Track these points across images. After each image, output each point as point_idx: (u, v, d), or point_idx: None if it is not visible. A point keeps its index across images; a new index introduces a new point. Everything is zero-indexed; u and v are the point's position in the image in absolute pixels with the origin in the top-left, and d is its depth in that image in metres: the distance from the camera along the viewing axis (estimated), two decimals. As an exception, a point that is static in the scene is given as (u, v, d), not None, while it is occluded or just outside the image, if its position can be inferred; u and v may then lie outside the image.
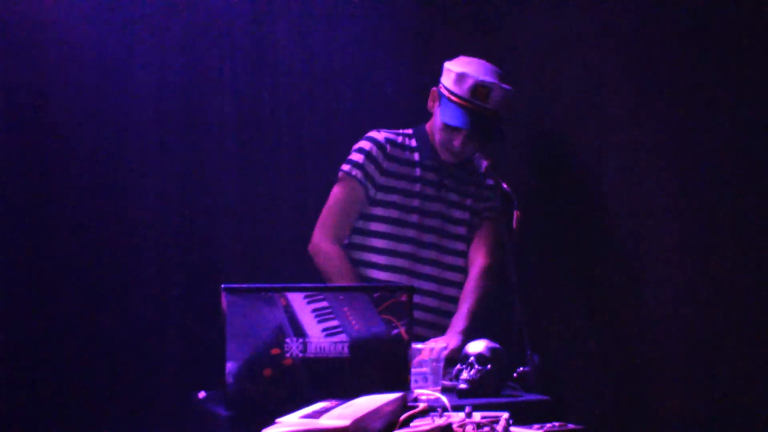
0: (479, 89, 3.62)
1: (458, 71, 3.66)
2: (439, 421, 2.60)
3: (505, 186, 3.64)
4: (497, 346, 3.27)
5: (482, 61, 3.75)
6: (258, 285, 2.89)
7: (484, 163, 3.70)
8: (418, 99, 4.04)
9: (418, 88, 4.16)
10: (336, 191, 3.81)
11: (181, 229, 4.18)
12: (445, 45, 4.36)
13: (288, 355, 2.85)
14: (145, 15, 4.14)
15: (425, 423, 2.60)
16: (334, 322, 2.90)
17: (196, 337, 4.01)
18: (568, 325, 3.99)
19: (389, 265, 3.78)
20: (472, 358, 3.21)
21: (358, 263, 3.78)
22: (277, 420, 2.47)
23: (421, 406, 2.70)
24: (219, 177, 4.27)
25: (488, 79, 3.65)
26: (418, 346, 3.26)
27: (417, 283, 3.76)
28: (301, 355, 2.86)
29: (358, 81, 4.47)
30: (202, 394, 3.07)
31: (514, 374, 3.32)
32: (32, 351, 3.89)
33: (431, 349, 3.27)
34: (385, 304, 2.93)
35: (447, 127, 3.72)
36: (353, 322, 2.90)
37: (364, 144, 3.81)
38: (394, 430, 2.59)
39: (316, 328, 2.88)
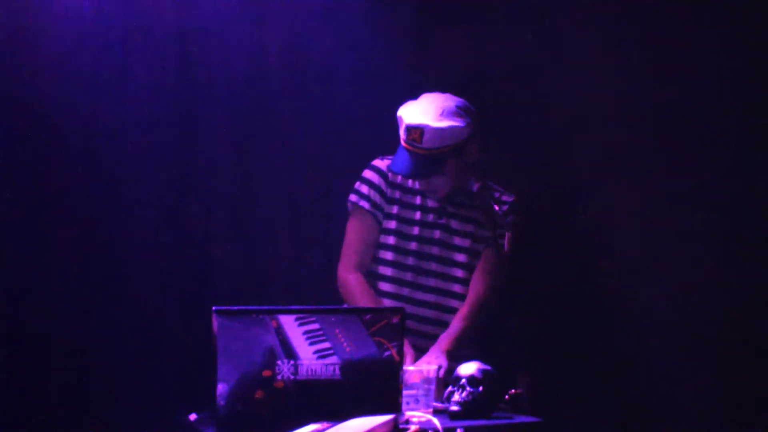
0: (411, 132, 3.65)
1: (398, 115, 3.71)
2: (431, 444, 2.60)
3: (496, 207, 3.64)
4: (489, 368, 3.27)
5: (435, 100, 3.72)
6: (249, 307, 2.89)
7: (476, 186, 3.70)
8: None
9: (417, 93, 4.16)
10: (349, 224, 3.86)
11: (172, 250, 4.17)
12: (444, 47, 4.36)
13: (279, 377, 2.85)
14: (139, 19, 4.14)
15: (417, 445, 2.60)
16: (326, 344, 2.89)
17: (188, 358, 4.00)
18: (561, 347, 3.99)
19: (391, 293, 3.79)
20: (463, 380, 3.21)
21: None
22: (268, 442, 2.46)
23: (413, 428, 2.70)
24: (211, 197, 4.26)
25: (418, 121, 3.64)
26: (410, 368, 3.25)
27: (416, 310, 3.77)
28: (292, 377, 2.86)
29: (354, 96, 4.46)
30: (193, 416, 3.06)
31: (506, 396, 3.31)
32: (19, 369, 3.88)
33: (423, 370, 3.27)
34: (377, 326, 2.93)
35: None
36: (345, 344, 2.90)
37: (367, 174, 3.85)
38: (386, 452, 2.58)
39: (308, 350, 2.88)
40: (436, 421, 2.82)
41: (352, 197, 3.84)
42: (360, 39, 4.44)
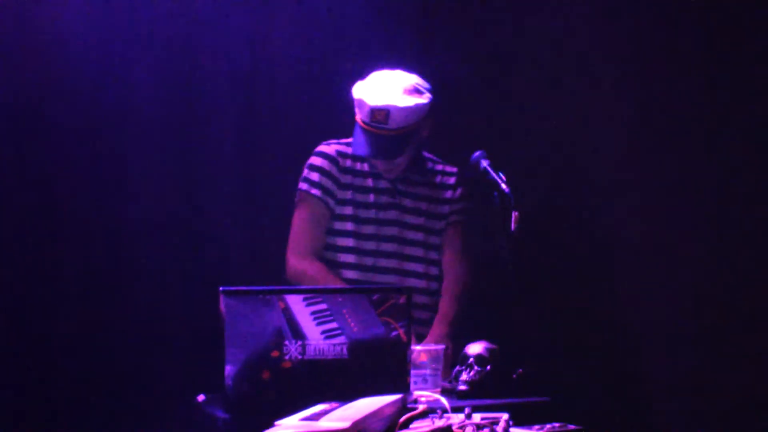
0: (376, 113, 3.60)
1: (357, 97, 3.65)
2: (439, 423, 2.60)
3: (504, 186, 3.62)
4: (496, 347, 3.27)
5: (390, 77, 3.68)
6: (256, 288, 2.88)
7: (483, 164, 3.69)
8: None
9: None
10: (299, 212, 3.78)
11: (179, 232, 4.19)
12: (446, 40, 4.35)
13: (287, 357, 2.85)
14: (143, 19, 4.14)
15: (425, 424, 2.60)
16: (333, 324, 2.89)
17: (195, 340, 4.01)
18: (567, 326, 3.99)
19: (354, 279, 3.76)
20: (471, 360, 3.21)
21: None
22: (277, 423, 2.46)
23: (421, 407, 2.70)
24: (218, 179, 4.27)
25: (384, 102, 3.60)
26: (417, 347, 3.25)
27: None
28: (300, 357, 2.86)
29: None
30: (201, 397, 3.06)
31: (514, 375, 3.31)
32: (29, 354, 3.90)
33: (431, 350, 3.27)
34: (384, 306, 2.92)
35: None
36: (352, 324, 2.90)
37: (316, 160, 3.79)
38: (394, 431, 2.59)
39: (315, 331, 2.87)
40: (444, 400, 2.82)
41: (303, 185, 3.76)
42: (362, 35, 4.44)
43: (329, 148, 3.79)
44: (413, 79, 3.69)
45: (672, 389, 3.72)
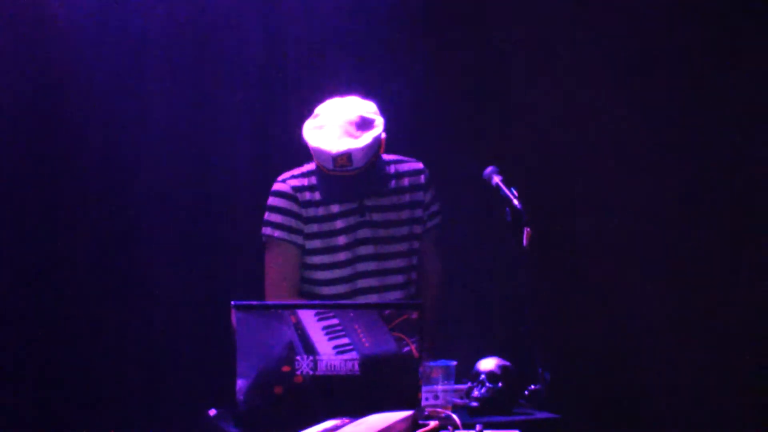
0: (339, 160, 3.52)
1: (314, 146, 3.55)
2: (450, 440, 2.60)
3: (516, 202, 3.61)
4: (508, 364, 3.26)
5: (338, 115, 3.58)
6: (268, 302, 2.89)
7: (495, 179, 3.68)
8: (430, 98, 4.08)
9: (430, 87, 4.15)
10: (268, 257, 3.70)
11: (192, 246, 4.19)
12: (453, 44, 4.35)
13: (298, 372, 2.85)
14: (157, 17, 4.16)
15: (436, 441, 2.60)
16: (345, 340, 2.89)
17: (207, 354, 4.01)
18: (580, 343, 3.98)
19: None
20: (483, 376, 3.20)
21: None
22: (288, 438, 2.46)
23: (432, 424, 2.70)
24: (231, 192, 4.28)
25: (344, 148, 3.51)
26: (430, 364, 3.25)
27: None
28: (311, 372, 2.85)
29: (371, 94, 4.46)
30: (212, 412, 3.06)
31: (526, 392, 3.30)
32: (40, 368, 3.90)
33: (442, 366, 3.27)
34: (396, 321, 2.92)
35: None
36: (364, 339, 2.90)
37: (274, 200, 3.70)
38: (405, 448, 2.58)
39: (327, 346, 2.87)
40: (455, 416, 2.81)
41: (266, 229, 3.68)
42: (376, 35, 4.44)
43: (284, 185, 3.70)
44: (360, 109, 3.59)
45: (685, 406, 3.70)
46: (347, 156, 3.51)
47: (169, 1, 4.20)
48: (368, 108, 3.62)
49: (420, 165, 3.79)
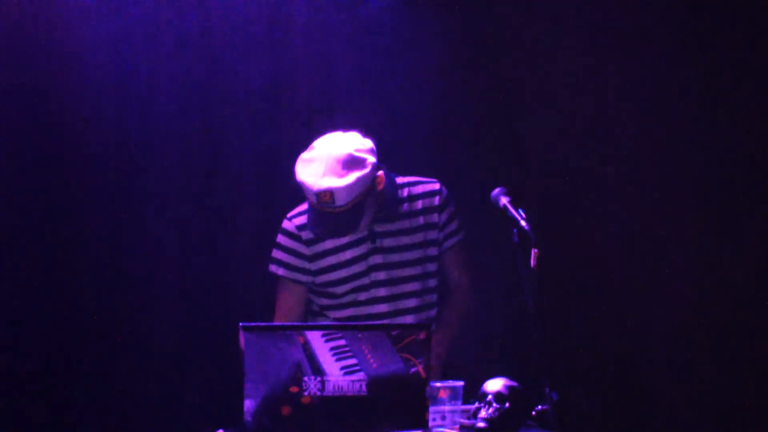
0: (321, 196, 3.51)
1: (299, 180, 3.56)
2: (457, 460, 2.60)
3: (523, 223, 3.61)
4: (515, 384, 3.26)
5: (331, 151, 3.56)
6: (276, 323, 2.90)
7: (503, 200, 3.68)
8: (439, 112, 4.12)
9: (439, 98, 4.15)
10: (277, 293, 3.76)
11: (199, 266, 4.20)
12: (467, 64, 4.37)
13: (306, 393, 2.86)
14: (164, 21, 4.19)
15: (443, 462, 2.60)
16: (353, 361, 2.90)
17: (215, 374, 4.02)
18: (587, 363, 3.98)
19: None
20: (490, 397, 3.20)
21: None
22: (295, 458, 2.47)
23: (439, 444, 2.70)
24: (238, 213, 4.29)
25: (325, 186, 3.50)
26: (437, 384, 3.25)
27: None
28: (319, 393, 2.86)
29: (380, 102, 4.46)
30: (220, 432, 3.07)
31: (533, 413, 3.30)
32: (44, 384, 3.92)
33: (449, 386, 3.27)
34: (404, 342, 2.93)
35: None
36: (371, 360, 2.91)
37: (279, 238, 3.75)
38: (412, 468, 2.59)
39: (335, 366, 2.88)
40: (462, 437, 2.82)
41: (271, 267, 3.74)
42: (384, 43, 4.44)
43: (290, 224, 3.74)
44: (351, 146, 3.58)
45: (695, 427, 3.70)
46: (329, 193, 3.50)
47: (175, 6, 4.22)
48: (363, 146, 3.59)
49: (436, 186, 3.79)
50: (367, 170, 3.55)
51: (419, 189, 3.78)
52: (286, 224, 3.76)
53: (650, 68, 3.92)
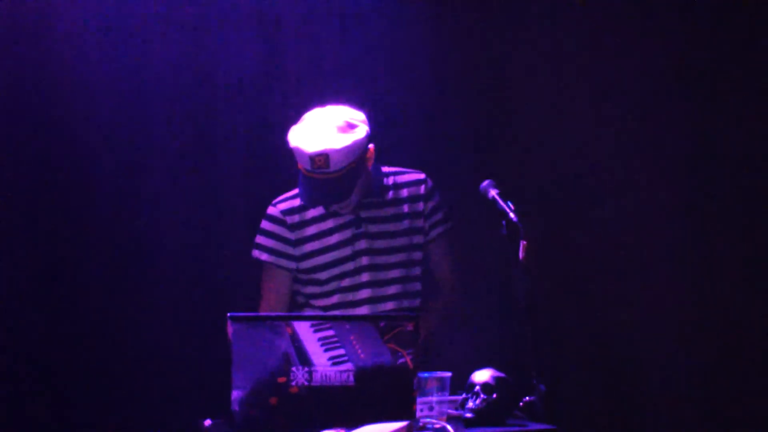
0: (316, 160, 3.52)
1: (294, 146, 3.57)
2: (444, 451, 2.61)
3: (512, 216, 3.62)
4: (503, 375, 3.27)
5: (321, 118, 3.60)
6: (264, 314, 2.91)
7: (492, 193, 3.69)
8: (432, 106, 4.12)
9: (432, 94, 4.15)
10: (262, 279, 3.77)
11: (187, 257, 4.20)
12: (460, 52, 4.36)
13: (294, 383, 2.86)
14: (156, 17, 4.19)
15: (430, 452, 2.61)
16: (340, 351, 2.91)
17: (202, 365, 4.02)
18: (575, 354, 3.99)
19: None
20: (477, 387, 3.22)
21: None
22: (282, 448, 2.48)
23: (426, 435, 2.71)
24: (227, 204, 4.29)
25: (321, 148, 3.51)
26: (424, 375, 3.26)
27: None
28: (307, 383, 2.87)
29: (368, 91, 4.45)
30: (208, 422, 3.07)
31: (521, 403, 3.31)
32: (32, 377, 3.92)
33: (437, 377, 3.28)
34: (391, 333, 2.94)
35: None
36: (359, 350, 2.91)
37: (264, 224, 3.76)
38: (399, 459, 2.59)
39: (322, 357, 2.89)
40: (449, 427, 2.82)
41: (254, 252, 3.75)
42: (376, 39, 4.44)
43: (275, 209, 3.75)
44: (345, 115, 3.62)
45: (682, 418, 3.71)
46: (324, 157, 3.51)
47: (168, 2, 4.22)
48: (355, 116, 3.63)
49: (421, 175, 3.81)
50: (362, 136, 3.58)
51: (405, 178, 3.80)
52: (271, 210, 3.77)
53: (643, 57, 3.92)
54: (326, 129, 3.55)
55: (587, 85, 4.03)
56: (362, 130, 3.60)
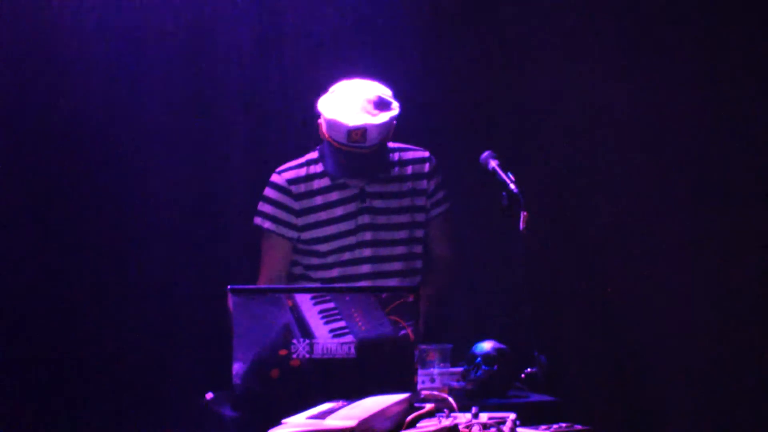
0: (353, 134, 3.54)
1: (329, 118, 3.58)
2: (446, 422, 2.60)
3: (513, 186, 3.61)
4: (504, 346, 3.27)
5: (356, 92, 3.63)
6: (265, 286, 2.89)
7: (492, 164, 3.68)
8: (428, 88, 4.13)
9: (427, 82, 4.14)
10: (261, 246, 3.77)
11: (188, 231, 4.20)
12: (455, 36, 4.34)
13: (295, 356, 2.86)
14: (152, 15, 4.17)
15: (432, 424, 2.60)
16: (341, 323, 2.90)
17: (203, 338, 4.02)
18: (576, 326, 3.99)
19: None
20: (479, 359, 3.21)
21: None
22: (284, 420, 2.47)
23: (428, 406, 2.70)
24: (226, 179, 4.28)
25: (361, 122, 3.54)
26: (425, 346, 3.26)
27: None
28: (308, 356, 2.86)
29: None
30: (209, 395, 3.07)
31: (522, 375, 3.32)
32: (35, 354, 3.92)
33: (438, 349, 3.28)
34: (393, 305, 2.93)
35: None
36: (360, 323, 2.91)
37: (268, 192, 3.75)
38: (401, 430, 2.59)
39: (323, 329, 2.88)
40: (451, 399, 2.82)
41: (256, 219, 3.75)
42: (371, 41, 4.43)
43: (280, 177, 3.74)
44: (377, 90, 3.64)
45: (680, 389, 3.71)
46: (362, 131, 3.54)
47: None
48: (385, 91, 3.66)
49: (425, 153, 3.81)
50: (395, 112, 3.62)
51: (410, 155, 3.79)
52: (275, 178, 3.76)
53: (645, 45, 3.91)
54: (363, 104, 3.57)
55: (594, 60, 4.01)
56: (396, 108, 3.63)
